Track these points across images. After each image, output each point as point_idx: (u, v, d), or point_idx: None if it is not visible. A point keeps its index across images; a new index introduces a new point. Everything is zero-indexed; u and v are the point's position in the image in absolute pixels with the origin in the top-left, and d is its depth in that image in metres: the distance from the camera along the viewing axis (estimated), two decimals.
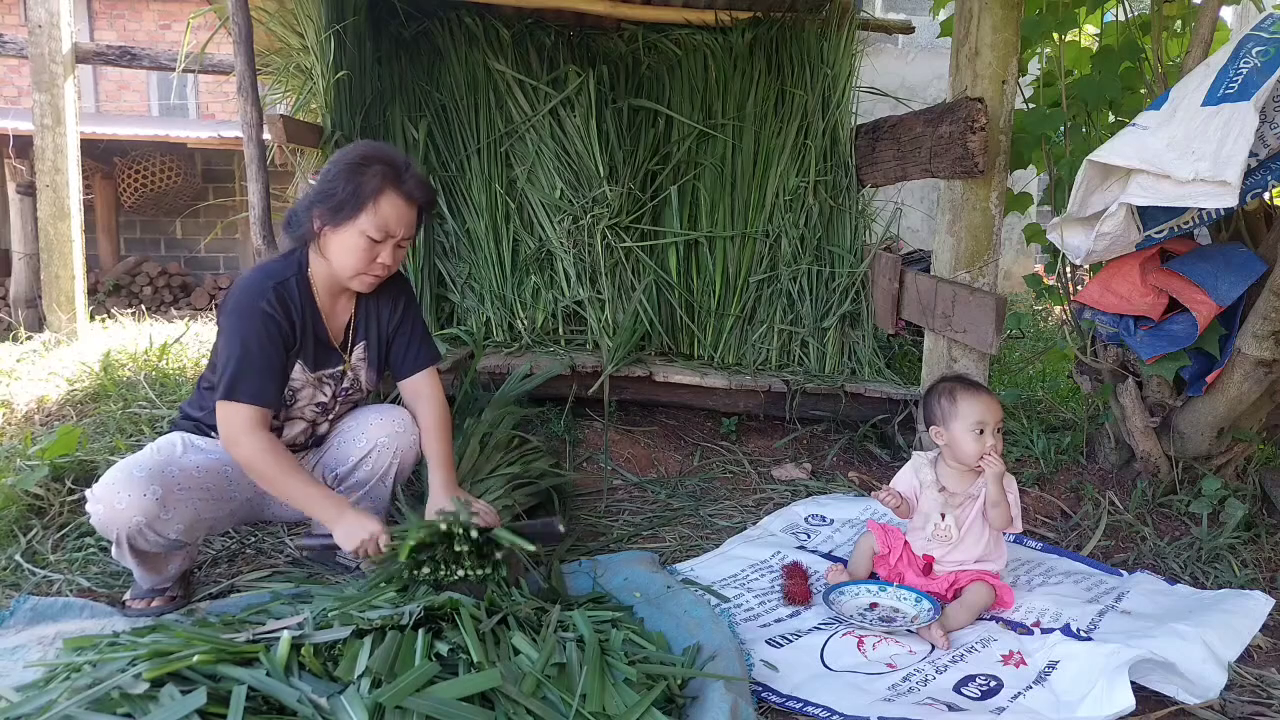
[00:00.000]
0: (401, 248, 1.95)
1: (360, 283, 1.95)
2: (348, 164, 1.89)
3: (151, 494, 1.75)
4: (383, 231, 1.88)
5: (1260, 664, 1.83)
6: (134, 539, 1.78)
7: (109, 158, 8.32)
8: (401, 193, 1.88)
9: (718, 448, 3.26)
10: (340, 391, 2.08)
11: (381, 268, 1.92)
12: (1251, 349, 2.32)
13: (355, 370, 2.09)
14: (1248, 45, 2.01)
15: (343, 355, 2.05)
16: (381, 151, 1.93)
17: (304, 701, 1.28)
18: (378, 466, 2.06)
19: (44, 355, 4.15)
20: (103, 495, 1.75)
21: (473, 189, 3.76)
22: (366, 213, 1.86)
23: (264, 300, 1.86)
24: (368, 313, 2.08)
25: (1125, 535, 2.51)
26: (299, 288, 1.93)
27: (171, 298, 8.35)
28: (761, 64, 3.78)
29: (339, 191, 1.86)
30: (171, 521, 1.79)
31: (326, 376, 2.04)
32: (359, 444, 2.06)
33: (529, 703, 1.35)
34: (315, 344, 1.98)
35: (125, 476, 1.76)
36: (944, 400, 2.05)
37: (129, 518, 1.74)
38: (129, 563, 1.86)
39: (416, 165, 1.95)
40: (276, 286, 1.89)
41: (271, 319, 1.86)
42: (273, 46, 3.85)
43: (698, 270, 3.79)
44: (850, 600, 2.02)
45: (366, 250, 1.89)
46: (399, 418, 2.08)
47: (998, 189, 2.71)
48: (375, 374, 2.13)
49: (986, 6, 2.58)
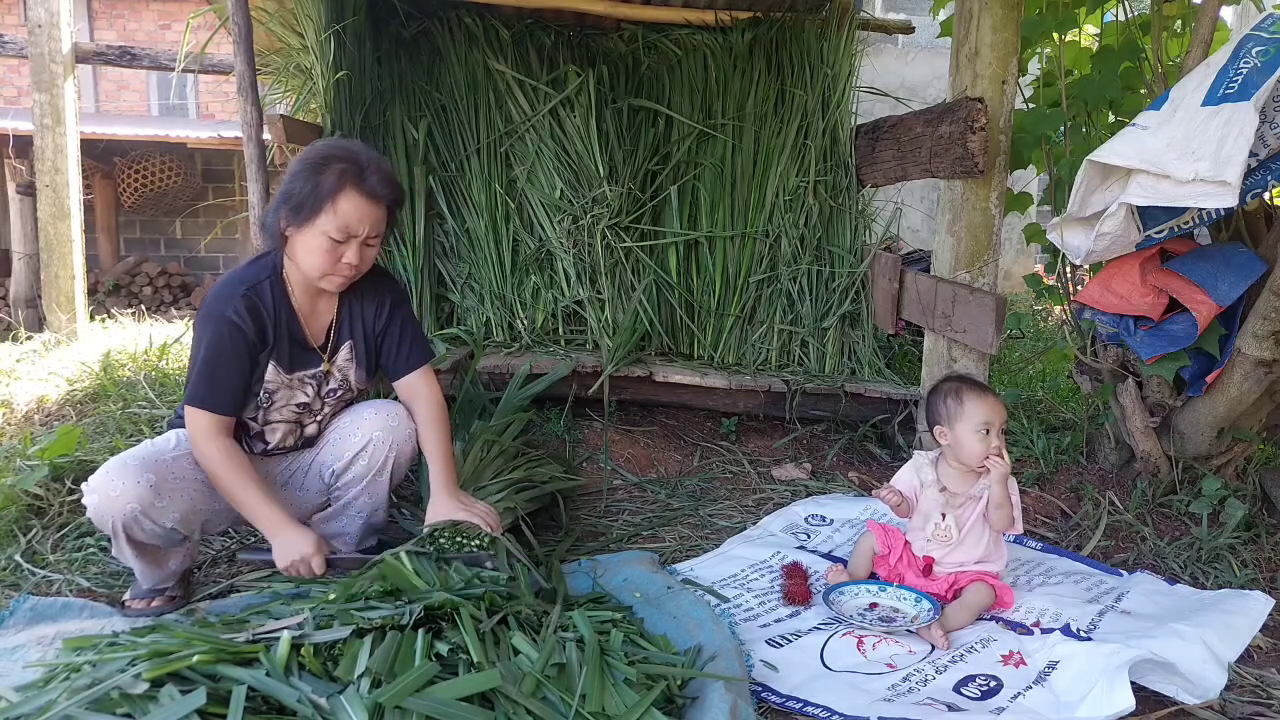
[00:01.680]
0: (370, 246, 1.91)
1: (329, 283, 1.92)
2: (308, 163, 1.86)
3: (145, 481, 1.76)
4: (344, 231, 1.84)
5: (1260, 664, 1.83)
6: (130, 528, 1.79)
7: (109, 158, 8.32)
8: (362, 190, 1.84)
9: (718, 448, 3.26)
10: (327, 392, 2.07)
11: (348, 267, 1.89)
12: (1251, 349, 2.32)
13: (342, 371, 2.07)
14: (1248, 45, 2.01)
15: (322, 356, 2.03)
16: (343, 149, 1.89)
17: (304, 701, 1.28)
18: (374, 461, 2.04)
19: (44, 355, 4.15)
20: (98, 485, 1.77)
21: (473, 189, 3.75)
22: (326, 212, 1.83)
23: (230, 308, 1.86)
24: (351, 312, 2.05)
25: (1125, 535, 2.51)
26: (273, 290, 1.92)
27: (171, 298, 8.35)
28: (761, 64, 3.78)
29: (298, 191, 1.84)
30: (167, 510, 1.80)
31: (306, 377, 2.02)
32: (354, 439, 2.05)
33: (529, 703, 1.35)
34: (291, 345, 1.97)
35: (119, 465, 1.79)
36: (949, 400, 2.04)
37: (124, 504, 1.75)
38: (128, 558, 1.86)
39: (381, 161, 1.91)
40: (247, 292, 1.88)
41: (236, 327, 1.86)
42: (272, 46, 3.85)
43: (698, 270, 3.79)
44: (850, 600, 2.02)
45: (329, 250, 1.86)
46: (394, 411, 2.07)
47: (998, 189, 2.71)
48: (365, 373, 2.12)
49: (986, 6, 2.58)
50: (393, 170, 1.93)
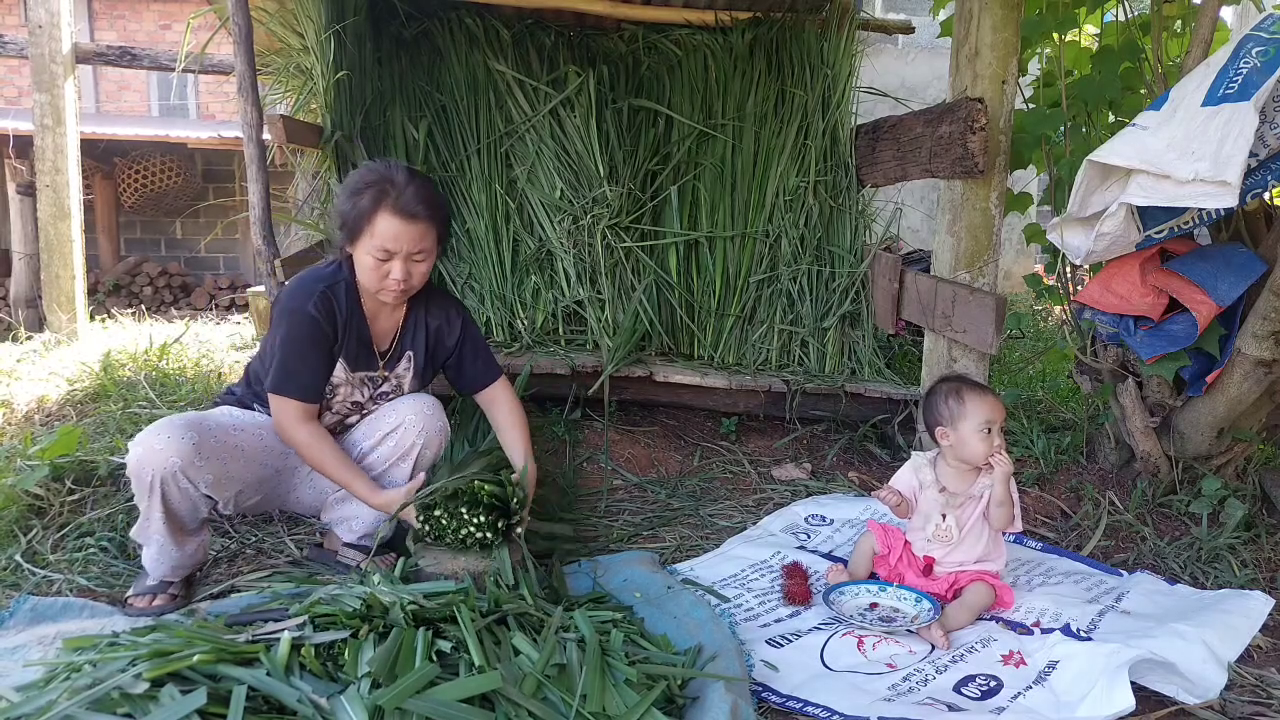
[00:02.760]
0: (418, 262, 2.02)
1: (385, 296, 2.05)
2: (349, 188, 2.00)
3: (189, 438, 1.86)
4: (383, 250, 1.96)
5: (1260, 664, 1.83)
6: (167, 484, 1.86)
7: (109, 158, 8.32)
8: (395, 210, 1.94)
9: (718, 448, 3.26)
10: (379, 394, 2.19)
11: (396, 283, 1.99)
12: (1251, 349, 2.32)
13: (398, 378, 2.20)
14: (1248, 45, 2.01)
15: (379, 360, 2.15)
16: (377, 173, 2.00)
17: (304, 702, 1.28)
18: (401, 444, 2.11)
19: (44, 355, 4.16)
20: (143, 439, 1.86)
21: (473, 189, 3.75)
22: (365, 234, 1.96)
23: (310, 302, 1.99)
24: (417, 325, 2.19)
25: (1125, 535, 2.51)
26: (346, 293, 2.06)
27: (171, 298, 8.35)
28: (761, 64, 3.77)
29: (345, 214, 1.99)
30: (204, 470, 1.89)
31: (366, 378, 2.15)
32: (387, 420, 2.14)
33: (529, 704, 1.35)
34: (358, 345, 2.10)
35: (166, 423, 1.89)
36: (950, 401, 2.04)
37: (165, 457, 1.84)
38: (152, 529, 1.89)
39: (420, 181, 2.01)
40: (324, 290, 2.02)
41: (315, 321, 1.99)
42: (273, 46, 3.85)
43: (698, 270, 3.79)
44: (850, 600, 2.02)
45: (375, 268, 1.98)
46: (431, 404, 2.17)
47: (998, 189, 2.71)
48: (420, 383, 2.24)
49: (986, 6, 2.58)
50: (433, 188, 2.04)
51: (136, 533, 1.94)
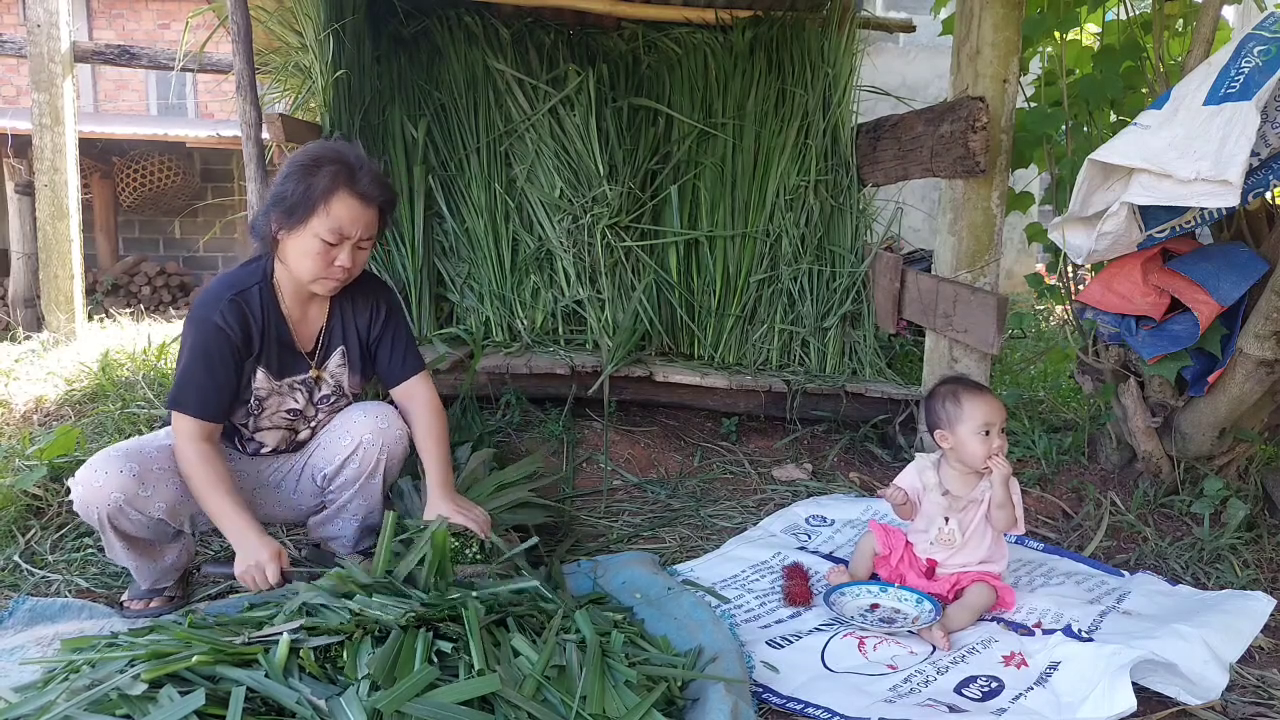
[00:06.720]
0: (362, 249, 1.90)
1: (322, 286, 1.91)
2: (299, 165, 1.85)
3: (128, 470, 1.77)
4: (336, 234, 1.83)
5: (1262, 665, 1.82)
6: (116, 519, 1.78)
7: (107, 157, 8.31)
8: (355, 193, 1.84)
9: (718, 448, 3.26)
10: (320, 399, 2.06)
11: (340, 270, 1.88)
12: (1253, 349, 2.31)
13: (335, 377, 2.07)
14: (1249, 44, 2.00)
15: (309, 362, 2.02)
16: (334, 151, 1.88)
17: (303, 703, 1.27)
18: (365, 464, 2.01)
19: (42, 355, 4.15)
20: (81, 477, 1.78)
21: (472, 188, 3.75)
22: (318, 215, 1.82)
23: (216, 313, 1.85)
24: (344, 318, 2.04)
25: (1127, 536, 2.51)
26: (261, 296, 1.91)
27: (170, 297, 8.34)
28: (762, 63, 3.77)
29: (290, 194, 1.83)
30: (153, 500, 1.81)
31: (296, 383, 2.01)
32: (344, 442, 2.02)
33: (529, 705, 1.34)
34: (280, 351, 1.95)
35: (102, 457, 1.80)
36: (948, 403, 2.04)
37: (107, 494, 1.75)
38: (119, 554, 1.86)
39: (372, 163, 1.91)
40: (234, 297, 1.87)
41: (222, 332, 1.84)
42: (271, 45, 3.85)
43: (698, 270, 3.79)
44: (851, 601, 2.02)
45: (322, 253, 1.84)
46: (384, 413, 2.04)
47: (999, 188, 2.71)
48: (360, 377, 2.11)
49: (987, 5, 2.57)
50: (383, 172, 1.93)
51: (108, 554, 1.89)
